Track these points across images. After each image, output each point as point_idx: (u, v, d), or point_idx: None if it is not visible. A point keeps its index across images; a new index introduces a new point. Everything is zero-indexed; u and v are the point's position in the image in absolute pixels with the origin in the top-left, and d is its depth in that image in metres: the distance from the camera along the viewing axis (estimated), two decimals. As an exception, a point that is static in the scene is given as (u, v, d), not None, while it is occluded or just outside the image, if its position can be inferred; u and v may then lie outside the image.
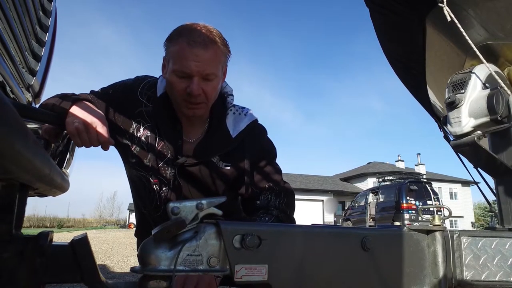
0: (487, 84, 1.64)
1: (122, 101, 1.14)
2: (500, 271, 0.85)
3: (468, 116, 1.65)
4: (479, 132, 1.65)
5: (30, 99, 1.32)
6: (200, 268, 0.58)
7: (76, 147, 1.72)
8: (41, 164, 0.51)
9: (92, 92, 1.18)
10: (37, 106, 1.32)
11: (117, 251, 7.48)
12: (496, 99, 1.51)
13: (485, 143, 1.74)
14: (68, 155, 1.55)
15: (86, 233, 0.64)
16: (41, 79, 1.35)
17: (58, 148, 1.33)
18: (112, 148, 1.08)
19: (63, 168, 1.48)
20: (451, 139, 1.89)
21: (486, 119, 1.58)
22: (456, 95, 1.66)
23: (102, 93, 1.17)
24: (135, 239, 1.37)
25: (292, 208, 1.20)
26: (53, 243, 0.62)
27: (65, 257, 0.58)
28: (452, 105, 1.67)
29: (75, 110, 1.01)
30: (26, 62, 1.14)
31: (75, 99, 1.04)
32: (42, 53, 1.29)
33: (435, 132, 2.46)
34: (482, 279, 0.84)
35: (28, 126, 0.98)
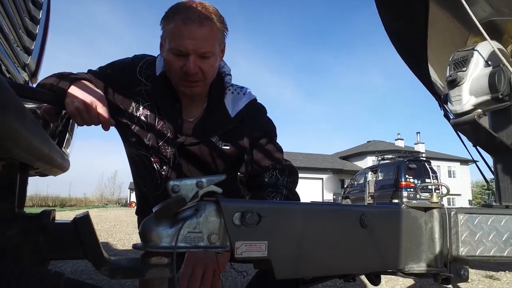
0: (489, 62, 1.62)
1: (120, 80, 1.13)
2: (494, 247, 0.87)
3: (469, 95, 1.64)
4: (479, 110, 1.64)
5: (27, 79, 1.31)
6: (201, 244, 0.59)
7: (76, 127, 1.72)
8: (40, 143, 0.51)
9: (90, 71, 1.17)
10: (34, 85, 1.31)
11: (119, 229, 7.61)
12: (498, 77, 1.50)
13: (485, 121, 1.74)
14: (67, 135, 1.55)
15: (88, 211, 0.65)
16: (37, 58, 1.33)
17: (57, 128, 1.33)
18: (112, 128, 1.08)
19: (62, 148, 1.49)
20: (451, 117, 1.88)
21: (487, 97, 1.57)
22: (458, 73, 1.64)
23: (100, 72, 1.16)
24: (136, 217, 1.40)
25: (296, 186, 1.22)
26: (55, 221, 0.63)
27: (68, 235, 0.59)
28: (453, 83, 1.66)
29: (74, 90, 1.00)
30: (21, 40, 1.12)
31: (73, 78, 1.03)
32: (37, 31, 1.26)
33: (435, 111, 2.46)
34: (477, 254, 0.86)
35: (26, 106, 0.97)
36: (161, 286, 0.60)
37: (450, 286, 2.79)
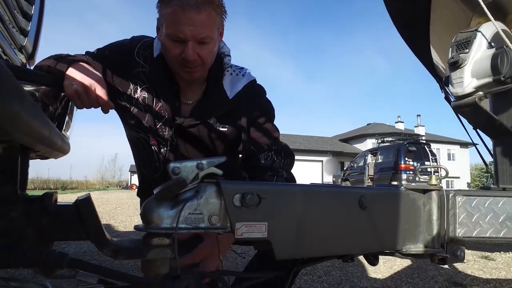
0: (492, 43, 1.60)
1: (118, 62, 1.12)
2: (491, 228, 0.88)
3: (470, 77, 1.62)
4: (480, 93, 1.63)
5: (24, 61, 1.29)
6: (202, 226, 0.60)
7: (75, 110, 1.71)
8: (39, 126, 0.51)
9: (87, 53, 1.16)
10: (32, 68, 1.30)
11: (121, 211, 7.70)
12: (501, 58, 1.48)
13: (486, 104, 1.73)
14: (67, 117, 1.55)
15: (89, 193, 0.66)
16: (34, 40, 1.32)
17: (56, 110, 1.33)
18: (111, 110, 1.08)
19: (62, 131, 1.49)
20: (452, 100, 1.87)
21: (489, 79, 1.55)
22: (460, 55, 1.62)
23: (98, 54, 1.15)
24: (137, 200, 1.41)
25: (292, 167, 1.22)
26: (57, 203, 0.64)
27: (70, 216, 0.59)
28: (455, 65, 1.64)
29: (72, 72, 0.99)
30: (16, 21, 1.10)
31: (71, 60, 1.02)
32: (32, 12, 1.24)
33: (436, 93, 2.44)
34: (473, 235, 0.87)
35: (25, 88, 0.96)
36: (162, 266, 0.61)
37: (447, 266, 2.84)
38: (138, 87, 1.12)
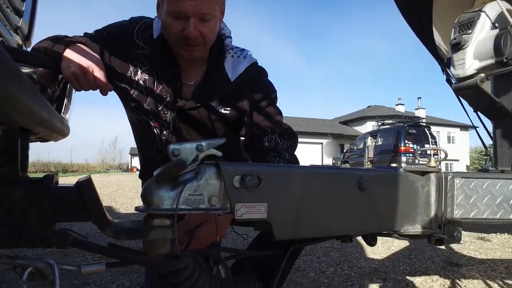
0: (496, 24, 1.57)
1: (117, 44, 1.11)
2: (488, 210, 0.89)
3: (472, 58, 1.60)
4: (482, 75, 1.62)
5: (20, 42, 1.27)
6: (202, 207, 0.60)
7: (74, 92, 1.70)
8: (38, 108, 0.51)
9: (85, 34, 1.14)
10: (29, 49, 1.28)
11: (122, 193, 7.77)
12: (504, 39, 1.46)
13: (487, 86, 1.72)
14: (65, 100, 1.54)
15: (90, 175, 0.66)
16: (29, 20, 1.29)
17: (54, 93, 1.32)
18: (111, 92, 1.08)
19: (61, 113, 1.48)
20: (453, 82, 1.86)
21: (491, 61, 1.54)
22: (462, 36, 1.60)
23: (96, 35, 1.13)
24: (138, 182, 1.42)
25: (295, 149, 1.22)
26: (58, 185, 0.64)
27: (71, 198, 0.60)
28: (457, 46, 1.62)
29: (69, 53, 0.98)
30: (10, 0, 1.08)
31: (68, 41, 1.00)
32: (27, -9, 1.22)
33: (438, 76, 2.42)
34: (470, 217, 0.88)
35: (22, 70, 0.95)
36: (163, 246, 0.62)
37: (443, 246, 2.89)
38: (138, 69, 1.11)
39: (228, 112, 1.16)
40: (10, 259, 0.51)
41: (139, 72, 1.11)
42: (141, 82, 1.11)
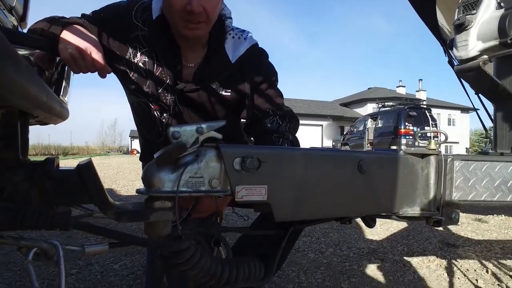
0: (502, 3, 1.54)
1: (116, 25, 1.09)
2: (486, 192, 0.90)
3: (476, 39, 1.58)
4: (485, 56, 1.60)
5: (15, 23, 1.25)
6: (202, 189, 0.61)
7: (72, 75, 1.69)
8: (37, 91, 0.50)
9: (83, 15, 1.12)
10: (24, 31, 1.26)
11: (122, 175, 7.81)
12: (509, 20, 1.43)
13: (490, 68, 1.70)
14: (64, 82, 1.53)
15: (90, 158, 0.66)
16: (24, 0, 1.27)
17: (52, 75, 1.30)
18: (110, 74, 1.07)
19: (60, 96, 1.47)
20: (455, 64, 1.84)
21: (494, 42, 1.51)
22: (466, 16, 1.57)
23: (94, 16, 1.11)
24: (138, 165, 1.43)
25: (297, 131, 1.22)
26: (60, 168, 0.65)
27: (72, 181, 0.60)
28: (461, 27, 1.59)
29: (66, 35, 0.96)
30: (5, -20, 1.06)
31: (65, 23, 0.98)
32: (22, -30, 1.19)
33: (440, 58, 2.39)
34: (468, 199, 0.89)
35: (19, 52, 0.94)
36: (165, 228, 0.63)
37: (441, 228, 2.93)
38: (138, 51, 1.09)
39: (228, 94, 1.15)
40: (15, 240, 0.52)
41: (138, 54, 1.09)
42: (140, 64, 1.10)
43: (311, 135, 26.95)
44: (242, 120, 1.30)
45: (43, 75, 1.18)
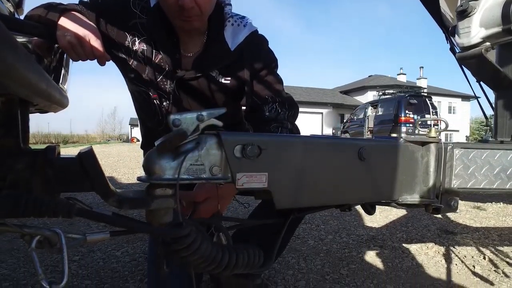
0: (505, -11, 1.51)
1: (114, 12, 1.08)
2: (485, 180, 0.90)
3: (479, 26, 1.56)
4: (487, 43, 1.58)
5: (11, 9, 1.24)
6: (203, 176, 0.61)
7: (71, 62, 1.67)
8: (36, 78, 0.50)
9: (81, 2, 1.10)
10: (21, 18, 1.24)
11: (123, 163, 7.83)
12: (513, 6, 1.41)
13: (492, 56, 1.69)
14: (63, 70, 1.52)
15: (91, 146, 0.66)
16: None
17: (51, 63, 1.29)
18: (109, 62, 1.06)
19: (59, 84, 1.47)
20: (457, 51, 1.82)
21: (498, 29, 1.50)
22: (469, 2, 1.55)
23: (92, 3, 1.10)
24: (138, 153, 1.43)
25: (296, 119, 1.22)
26: (61, 156, 0.65)
27: (74, 168, 0.60)
28: (464, 13, 1.57)
29: (64, 22, 0.95)
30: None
31: (63, 9, 0.97)
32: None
33: (441, 45, 2.37)
34: (468, 186, 0.90)
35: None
36: (166, 215, 0.63)
37: (440, 215, 2.96)
38: (136, 39, 1.09)
39: (228, 82, 1.14)
40: (18, 228, 0.53)
41: (137, 42, 1.09)
42: (139, 52, 1.09)
43: (311, 123, 26.91)
44: (243, 108, 1.30)
45: (41, 63, 1.17)
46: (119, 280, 1.61)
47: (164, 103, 1.14)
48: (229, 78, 1.14)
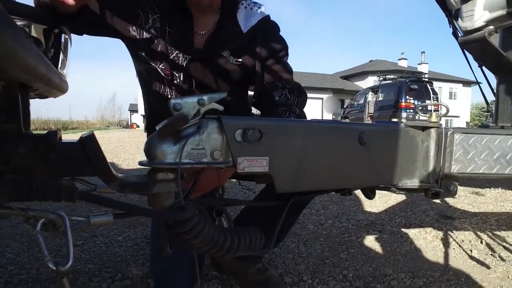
0: (510, -28, 1.49)
1: None
2: (485, 165, 0.91)
3: (482, 9, 1.54)
4: (491, 27, 1.56)
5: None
6: (204, 160, 0.61)
7: (70, 46, 1.66)
8: (36, 62, 0.50)
9: None
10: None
11: (123, 149, 7.85)
12: (516, -11, 1.39)
13: (495, 40, 1.67)
14: (61, 55, 1.51)
15: (92, 131, 0.66)
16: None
17: (49, 48, 1.28)
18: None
19: (58, 69, 1.46)
20: (460, 35, 1.80)
21: (501, 12, 1.48)
22: (474, -15, 1.52)
23: None
24: (138, 139, 1.44)
25: (305, 106, 1.23)
26: (63, 141, 0.65)
27: (75, 153, 0.60)
28: (467, -4, 1.55)
29: None
30: None
31: None
32: None
33: (444, 29, 2.34)
34: (467, 171, 0.90)
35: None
36: (168, 199, 0.64)
37: (439, 200, 2.98)
38: (149, 17, 1.08)
39: (239, 63, 1.15)
40: (23, 211, 0.53)
41: (149, 20, 1.09)
42: (152, 30, 1.09)
43: (311, 108, 26.79)
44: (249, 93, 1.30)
45: (39, 47, 1.16)
46: (122, 264, 1.64)
47: (175, 81, 1.14)
48: (240, 60, 1.14)
